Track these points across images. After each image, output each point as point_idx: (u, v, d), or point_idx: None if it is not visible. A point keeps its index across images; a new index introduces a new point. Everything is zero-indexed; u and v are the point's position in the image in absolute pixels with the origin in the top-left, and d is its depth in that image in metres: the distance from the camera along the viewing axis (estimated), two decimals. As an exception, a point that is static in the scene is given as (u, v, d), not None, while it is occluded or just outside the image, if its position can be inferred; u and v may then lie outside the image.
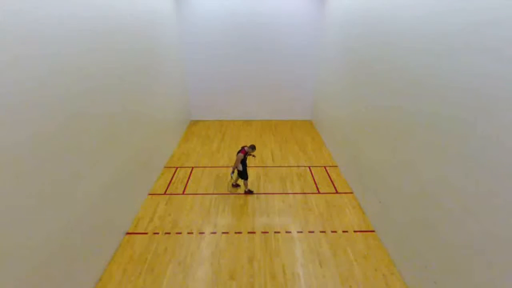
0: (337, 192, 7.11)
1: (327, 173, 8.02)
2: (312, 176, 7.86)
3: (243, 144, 9.75)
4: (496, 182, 2.99)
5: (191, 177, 7.73)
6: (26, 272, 3.25)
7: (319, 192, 7.11)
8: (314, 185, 7.42)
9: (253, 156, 7.37)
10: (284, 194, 7.02)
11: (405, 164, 4.71)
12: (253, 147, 6.78)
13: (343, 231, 5.80)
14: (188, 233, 5.73)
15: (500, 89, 2.93)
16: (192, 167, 8.25)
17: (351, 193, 7.06)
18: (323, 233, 5.75)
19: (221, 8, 10.06)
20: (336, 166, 8.36)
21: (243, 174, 6.79)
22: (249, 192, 7.02)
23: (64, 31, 3.86)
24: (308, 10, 10.19)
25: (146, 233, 5.71)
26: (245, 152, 6.63)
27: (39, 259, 3.45)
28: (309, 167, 8.33)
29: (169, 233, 5.71)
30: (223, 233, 5.74)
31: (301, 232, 5.79)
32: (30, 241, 3.30)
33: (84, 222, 4.33)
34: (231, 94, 11.59)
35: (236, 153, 8.47)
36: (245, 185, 6.98)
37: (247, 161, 7.10)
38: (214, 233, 5.75)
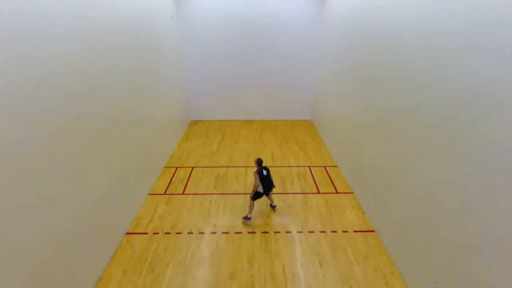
0: (337, 192, 7.11)
1: (327, 173, 8.02)
2: (312, 176, 7.85)
3: (242, 144, 9.75)
4: (496, 182, 2.99)
5: (191, 177, 7.73)
6: (26, 272, 3.25)
7: (319, 192, 7.11)
8: (314, 185, 7.42)
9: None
10: (284, 194, 7.02)
11: (405, 164, 4.71)
12: (258, 161, 5.91)
13: (343, 231, 5.80)
14: (188, 233, 5.73)
15: (500, 89, 2.93)
16: (192, 167, 8.25)
17: (351, 193, 7.06)
18: (323, 233, 5.74)
19: (221, 8, 10.06)
20: (336, 166, 8.36)
21: (256, 195, 5.89)
22: (247, 218, 6.01)
23: (63, 31, 3.86)
24: (308, 10, 10.19)
25: (146, 233, 5.70)
26: (260, 169, 5.80)
27: (40, 258, 3.45)
28: (309, 167, 8.33)
29: (169, 233, 5.71)
30: (223, 233, 5.74)
31: (301, 232, 5.78)
32: (30, 241, 3.30)
33: (84, 222, 4.33)
34: (231, 94, 11.59)
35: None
36: (250, 206, 5.97)
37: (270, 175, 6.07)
38: (214, 233, 5.74)
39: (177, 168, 8.21)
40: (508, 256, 2.86)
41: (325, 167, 8.35)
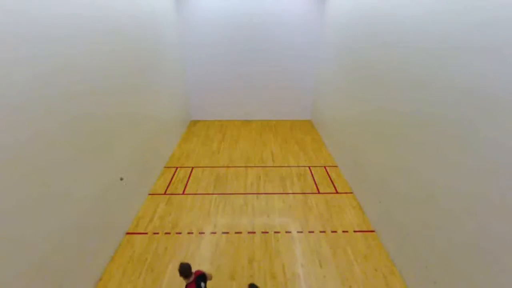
0: (337, 192, 7.11)
1: (327, 173, 8.02)
2: (312, 176, 7.85)
3: (242, 144, 9.75)
4: (496, 182, 2.99)
5: (191, 177, 7.73)
6: (26, 272, 3.25)
7: (319, 192, 7.11)
8: (314, 185, 7.42)
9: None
10: (284, 194, 7.02)
11: (405, 164, 4.71)
12: (184, 272, 3.28)
13: (343, 231, 5.80)
14: (188, 233, 5.73)
15: (500, 89, 2.93)
16: (192, 167, 8.25)
17: (351, 193, 7.06)
18: (323, 233, 5.74)
19: (221, 8, 10.06)
20: (336, 166, 8.36)
21: None
22: None
23: (64, 31, 3.86)
24: (308, 10, 10.19)
25: (146, 233, 5.70)
26: (195, 282, 3.32)
27: (40, 258, 3.45)
28: (309, 167, 8.33)
29: (169, 233, 5.71)
30: (223, 233, 5.74)
31: (301, 232, 5.78)
32: (30, 241, 3.30)
33: (84, 222, 4.33)
34: (231, 94, 11.59)
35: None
36: None
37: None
38: (214, 233, 5.74)
39: (177, 168, 8.21)
40: (509, 256, 2.86)
41: (325, 167, 8.35)
